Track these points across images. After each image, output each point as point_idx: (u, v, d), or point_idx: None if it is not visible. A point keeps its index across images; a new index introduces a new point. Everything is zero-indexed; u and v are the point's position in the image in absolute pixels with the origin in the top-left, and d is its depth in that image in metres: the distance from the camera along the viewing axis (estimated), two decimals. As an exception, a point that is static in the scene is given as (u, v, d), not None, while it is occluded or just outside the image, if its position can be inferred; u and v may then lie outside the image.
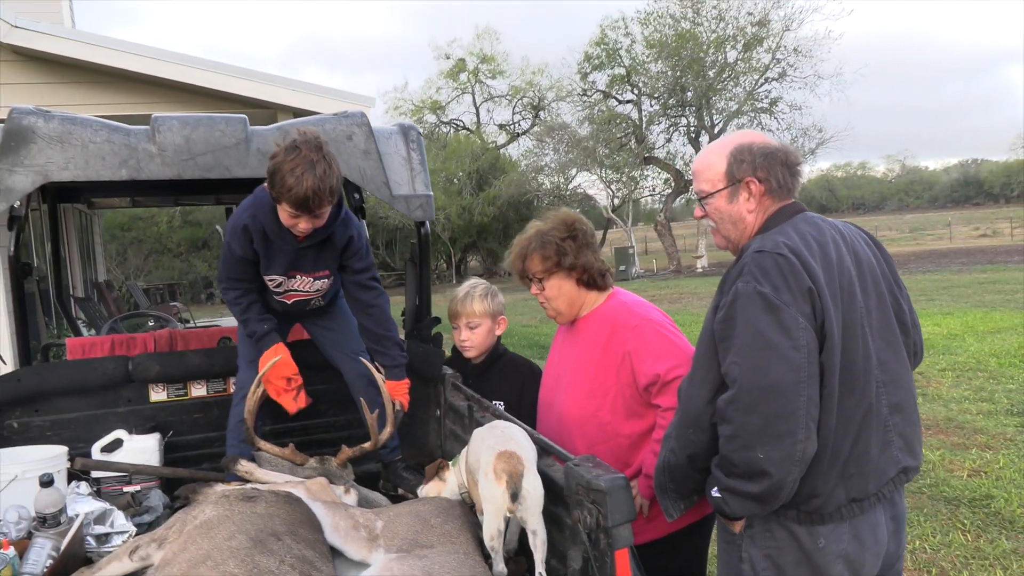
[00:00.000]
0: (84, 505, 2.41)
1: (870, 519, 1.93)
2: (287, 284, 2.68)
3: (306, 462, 2.59)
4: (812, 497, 1.87)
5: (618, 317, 2.54)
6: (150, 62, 7.39)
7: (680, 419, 2.00)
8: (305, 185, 2.27)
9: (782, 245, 1.86)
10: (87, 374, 2.87)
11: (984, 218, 55.20)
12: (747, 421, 1.77)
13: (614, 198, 35.00)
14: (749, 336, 1.79)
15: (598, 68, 32.92)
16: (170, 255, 32.15)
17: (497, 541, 1.89)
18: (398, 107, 40.86)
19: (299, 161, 2.28)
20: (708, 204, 2.09)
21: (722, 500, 1.89)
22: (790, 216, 2.01)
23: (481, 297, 3.05)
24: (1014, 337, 10.15)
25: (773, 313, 1.78)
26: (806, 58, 29.45)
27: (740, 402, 1.79)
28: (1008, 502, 4.70)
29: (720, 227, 2.10)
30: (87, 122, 2.65)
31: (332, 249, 2.65)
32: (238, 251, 2.56)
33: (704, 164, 2.10)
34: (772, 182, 2.00)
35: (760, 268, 1.83)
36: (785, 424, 1.75)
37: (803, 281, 1.80)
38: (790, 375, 1.76)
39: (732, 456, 1.82)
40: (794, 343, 1.77)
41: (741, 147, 2.03)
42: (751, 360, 1.78)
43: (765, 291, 1.79)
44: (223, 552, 1.76)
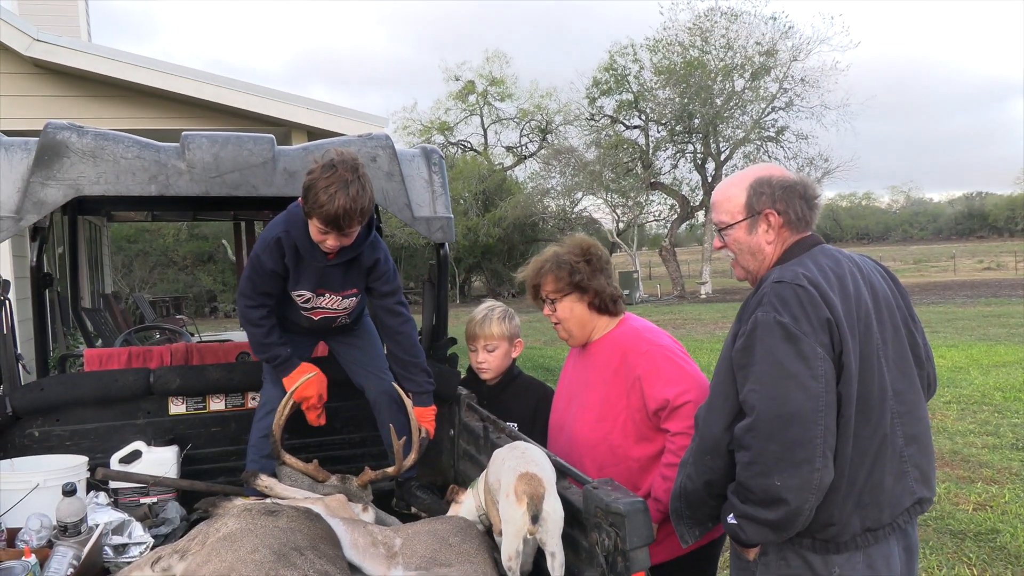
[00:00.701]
0: (103, 515, 2.44)
1: (884, 549, 1.95)
2: (315, 301, 2.71)
3: (328, 479, 2.61)
4: (828, 526, 1.89)
5: (629, 342, 2.58)
6: (167, 77, 7.50)
7: (697, 446, 2.02)
8: (337, 204, 2.32)
9: (801, 276, 1.89)
10: (109, 385, 2.90)
11: (988, 251, 55.20)
12: (765, 448, 1.80)
13: (619, 222, 35.09)
14: (768, 365, 1.82)
15: (606, 93, 33.18)
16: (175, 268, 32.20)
17: (515, 562, 1.91)
18: (407, 127, 41.14)
19: (334, 179, 2.33)
20: (728, 235, 2.12)
21: (738, 527, 1.90)
22: (808, 248, 2.05)
23: (499, 320, 3.10)
24: (1019, 371, 10.15)
25: (792, 343, 1.81)
26: (813, 88, 29.73)
27: (758, 429, 1.81)
28: (1014, 536, 4.70)
29: (739, 258, 2.14)
30: (119, 138, 2.71)
31: (359, 269, 2.69)
32: (269, 264, 2.59)
33: (724, 196, 2.13)
34: (791, 214, 2.04)
35: (780, 298, 1.86)
36: (803, 452, 1.77)
37: (822, 312, 1.84)
38: (808, 404, 1.78)
39: (749, 483, 1.83)
40: (812, 372, 1.80)
41: (761, 180, 2.08)
42: (770, 388, 1.81)
43: (784, 321, 1.83)
44: (247, 565, 1.79)
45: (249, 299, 2.68)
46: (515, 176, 40.56)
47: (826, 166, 30.24)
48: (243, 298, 2.70)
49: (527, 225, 34.57)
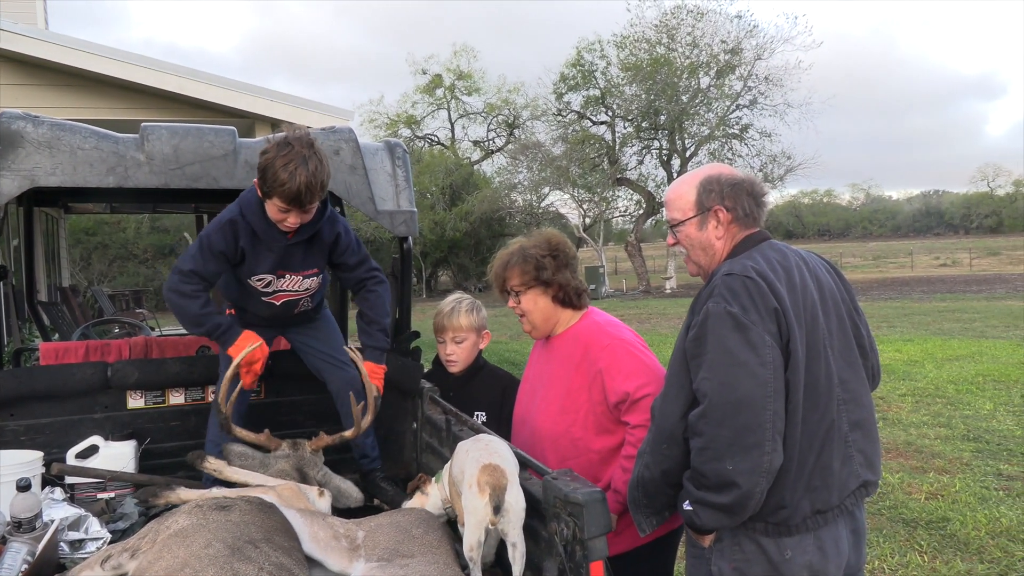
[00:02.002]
0: (59, 511, 2.40)
1: (832, 531, 2.02)
2: (276, 284, 2.69)
3: (279, 447, 2.60)
4: (779, 508, 1.95)
5: (592, 336, 2.61)
6: (127, 67, 7.36)
7: (654, 435, 2.07)
8: (298, 180, 2.32)
9: (750, 268, 1.97)
10: (65, 379, 2.86)
11: (944, 248, 56.52)
12: (717, 434, 1.86)
13: (586, 217, 35.28)
14: (719, 353, 1.89)
15: (573, 89, 33.29)
16: (136, 261, 31.60)
17: (476, 552, 1.93)
18: (373, 120, 40.95)
19: (292, 156, 2.33)
20: (679, 231, 2.20)
21: (693, 513, 1.95)
22: (756, 243, 2.13)
23: (467, 312, 3.12)
24: (971, 365, 10.43)
25: (742, 331, 1.88)
26: (777, 87, 30.12)
27: (710, 416, 1.88)
28: (963, 525, 4.84)
29: (691, 254, 2.21)
30: (76, 128, 2.66)
31: (320, 246, 2.68)
32: (219, 245, 2.54)
33: (675, 194, 2.22)
34: (739, 211, 2.12)
35: (730, 289, 1.94)
36: (753, 436, 1.84)
37: (770, 302, 1.92)
38: (757, 390, 1.85)
39: (703, 468, 1.90)
40: (761, 360, 1.87)
41: (710, 178, 2.16)
42: (721, 376, 1.88)
43: (734, 311, 1.90)
44: (201, 560, 1.77)
45: (185, 276, 2.57)
46: (482, 171, 40.58)
47: (789, 163, 30.69)
48: (178, 274, 2.57)
49: (494, 220, 34.57)
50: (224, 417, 2.56)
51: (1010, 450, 6.47)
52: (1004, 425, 7.27)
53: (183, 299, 2.58)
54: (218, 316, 2.66)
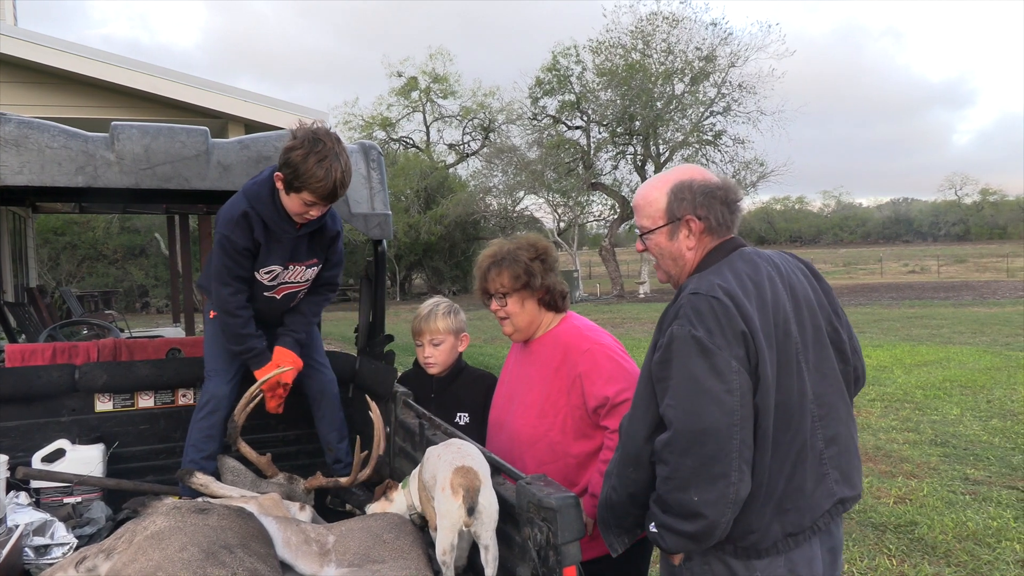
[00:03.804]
0: (24, 516, 2.36)
1: (806, 552, 1.97)
2: (283, 276, 2.70)
3: (276, 476, 2.59)
4: (748, 533, 1.90)
5: (571, 340, 2.61)
6: (97, 65, 7.25)
7: (620, 457, 2.01)
8: (334, 176, 2.37)
9: (717, 288, 1.88)
10: (31, 381, 2.80)
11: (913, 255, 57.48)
12: (681, 463, 1.80)
13: (560, 222, 35.38)
14: (683, 379, 1.82)
15: (549, 93, 33.40)
16: (105, 262, 31.12)
17: (449, 556, 1.92)
18: (348, 122, 40.73)
19: (326, 152, 2.36)
20: (648, 240, 2.11)
21: (659, 536, 1.91)
22: (728, 252, 2.04)
23: (444, 315, 3.11)
24: (939, 370, 10.61)
25: (707, 357, 1.80)
26: (750, 94, 30.50)
27: (675, 445, 1.81)
28: (931, 528, 4.92)
29: (660, 262, 2.14)
30: (44, 127, 2.62)
31: (322, 238, 2.72)
32: (241, 242, 2.55)
33: (645, 200, 2.11)
34: (711, 220, 2.03)
35: (695, 310, 1.85)
36: (719, 467, 1.78)
37: (737, 325, 1.83)
38: (723, 419, 1.78)
39: (667, 497, 1.84)
40: (727, 387, 1.79)
41: (681, 184, 2.06)
42: (685, 403, 1.81)
43: (699, 335, 1.82)
44: (174, 563, 1.76)
45: (228, 286, 2.63)
46: (457, 174, 40.54)
47: (761, 170, 31.04)
48: (222, 287, 2.63)
49: (469, 223, 34.55)
50: (234, 427, 2.61)
51: (976, 455, 6.59)
52: (971, 430, 7.40)
53: (228, 316, 2.67)
54: (255, 339, 2.71)
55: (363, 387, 3.20)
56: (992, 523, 4.97)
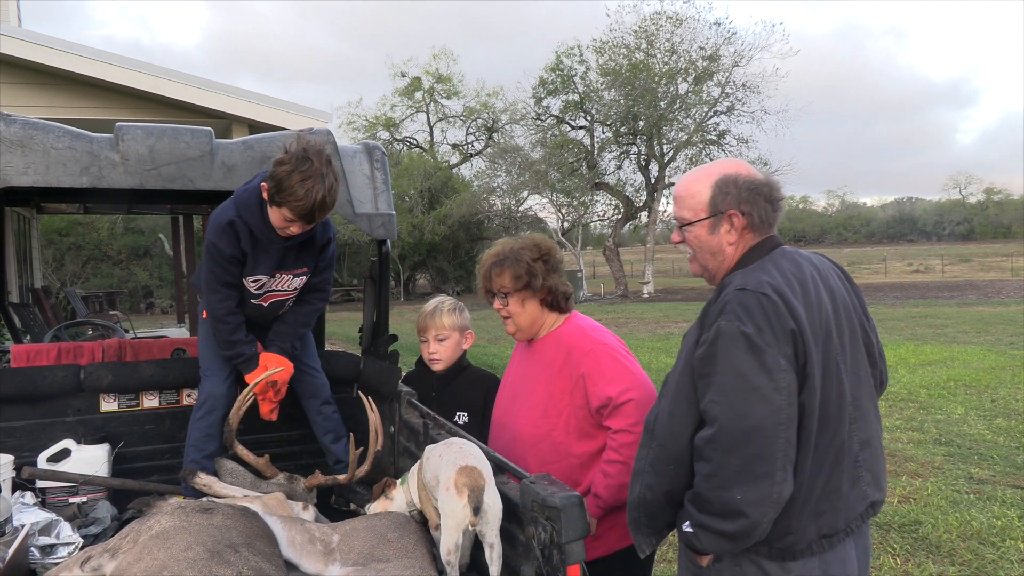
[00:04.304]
0: (30, 515, 2.37)
1: (840, 553, 1.95)
2: (269, 284, 2.69)
3: (276, 476, 2.59)
4: (785, 535, 1.87)
5: (574, 340, 2.61)
6: (102, 66, 7.26)
7: (658, 455, 1.95)
8: (313, 198, 2.34)
9: (766, 284, 1.84)
10: (37, 382, 2.81)
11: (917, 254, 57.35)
12: (726, 462, 1.76)
13: (564, 222, 35.37)
14: (730, 376, 1.78)
15: (552, 93, 33.39)
16: (110, 263, 31.19)
17: (454, 556, 1.93)
18: (352, 122, 40.80)
19: (311, 172, 2.33)
20: (688, 232, 2.06)
21: (693, 536, 1.87)
22: (769, 251, 2.00)
23: (449, 311, 3.14)
24: (943, 370, 10.59)
25: (755, 354, 1.77)
26: (754, 93, 30.47)
27: (719, 442, 1.77)
28: (935, 527, 4.91)
29: (698, 255, 2.08)
30: (49, 128, 2.63)
31: (312, 247, 2.70)
32: (228, 250, 2.55)
33: (687, 191, 2.05)
34: (754, 216, 1.99)
35: (743, 307, 1.81)
36: (764, 466, 1.74)
37: (786, 322, 1.80)
38: (770, 417, 1.75)
39: (708, 495, 1.80)
40: (775, 385, 1.76)
41: (726, 178, 2.01)
42: (732, 401, 1.77)
43: (748, 331, 1.78)
44: (179, 563, 1.76)
45: (216, 293, 2.64)
46: (461, 174, 40.57)
47: (765, 170, 30.55)
48: (211, 293, 2.66)
49: (472, 223, 34.57)
50: (229, 431, 2.61)
51: (981, 454, 6.58)
52: (975, 429, 7.38)
53: (217, 323, 2.69)
54: (244, 345, 2.72)
55: (367, 387, 3.20)
56: (996, 522, 4.96)
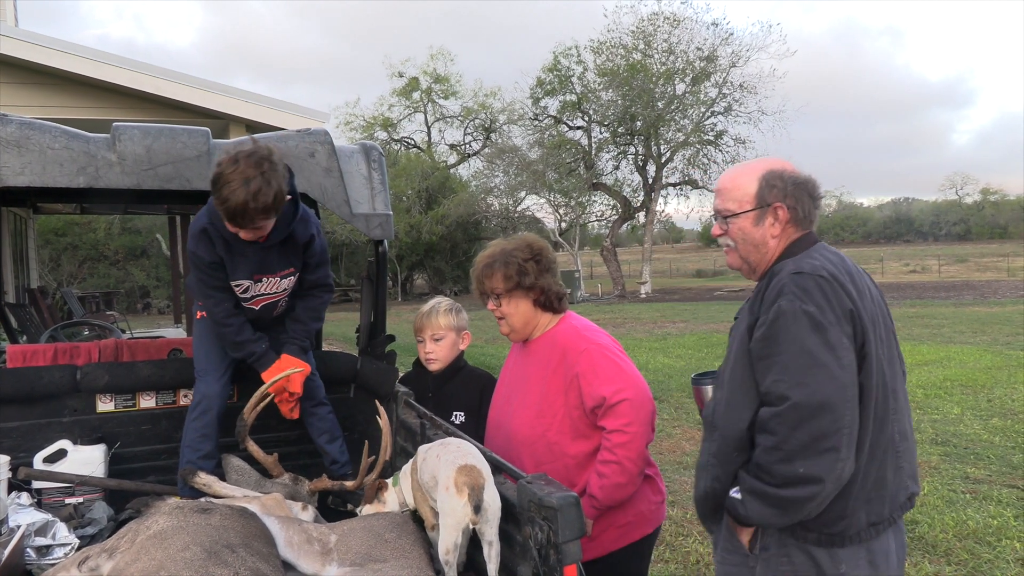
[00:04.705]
0: (26, 516, 2.37)
1: (883, 543, 1.96)
2: (254, 288, 2.68)
3: (281, 476, 2.60)
4: (839, 519, 1.89)
5: (569, 340, 2.61)
6: (99, 66, 7.25)
7: (722, 445, 1.98)
8: (235, 200, 2.27)
9: (821, 268, 1.89)
10: (33, 382, 2.81)
11: (914, 255, 57.41)
12: (792, 436, 1.79)
13: (561, 222, 35.37)
14: (795, 354, 1.80)
15: (550, 94, 33.42)
16: (107, 263, 31.14)
17: (453, 555, 1.93)
18: (349, 123, 40.78)
19: (235, 176, 2.27)
20: (732, 223, 2.09)
21: (740, 502, 1.89)
22: (809, 246, 2.04)
23: (446, 312, 3.15)
24: (939, 370, 10.61)
25: (819, 332, 1.80)
26: (751, 94, 30.50)
27: (787, 417, 1.79)
28: (931, 527, 4.92)
29: (739, 247, 2.10)
30: (46, 128, 2.62)
31: (295, 246, 2.67)
32: (207, 256, 2.55)
33: (733, 183, 2.10)
34: (799, 211, 2.04)
35: (802, 288, 1.85)
36: (830, 441, 1.77)
37: (844, 303, 1.85)
38: (837, 393, 1.78)
39: (771, 467, 1.82)
40: (840, 362, 1.80)
41: (773, 172, 2.05)
42: (798, 377, 1.79)
43: (810, 310, 1.82)
44: (177, 563, 1.76)
45: (209, 298, 2.65)
46: (458, 174, 40.57)
47: (762, 170, 30.99)
48: (205, 299, 2.67)
49: (470, 223, 34.56)
50: (243, 426, 2.61)
51: (977, 454, 6.59)
52: (971, 429, 7.40)
53: (219, 327, 2.69)
54: (253, 344, 2.72)
55: (365, 387, 3.20)
56: (992, 522, 4.97)
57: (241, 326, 2.70)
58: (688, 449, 6.97)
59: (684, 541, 4.79)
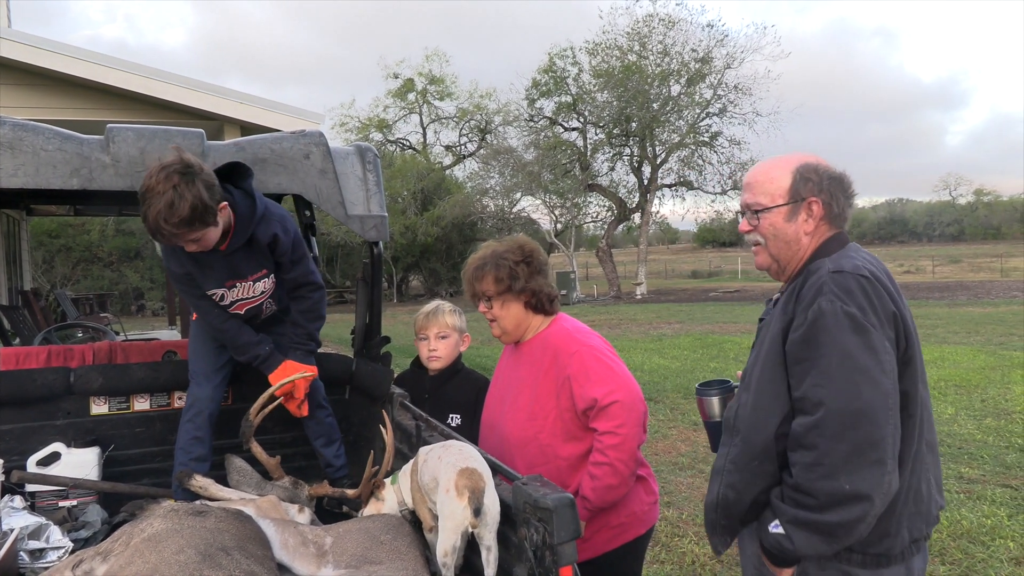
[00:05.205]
0: (19, 519, 2.36)
1: (919, 561, 1.87)
2: (230, 295, 2.66)
3: (282, 479, 2.60)
4: (883, 537, 1.79)
5: (560, 342, 2.61)
6: (92, 67, 7.23)
7: (742, 451, 1.87)
8: (149, 217, 2.24)
9: (863, 267, 1.79)
10: (26, 385, 2.80)
11: (908, 255, 57.58)
12: (833, 448, 1.66)
13: (557, 223, 35.41)
14: (836, 357, 1.69)
15: (545, 95, 33.47)
16: (100, 264, 31.04)
17: (451, 558, 1.92)
18: (344, 124, 40.72)
19: (148, 193, 2.23)
20: (764, 218, 1.97)
21: (784, 536, 1.75)
22: (842, 245, 1.94)
23: (450, 312, 3.21)
24: (933, 370, 10.63)
25: (861, 334, 1.70)
26: (746, 95, 30.59)
27: (826, 427, 1.67)
28: (926, 528, 4.93)
29: (769, 245, 1.99)
30: (39, 129, 2.61)
31: (258, 250, 2.61)
32: (177, 269, 2.55)
33: (766, 176, 1.99)
34: (833, 207, 1.94)
35: (843, 288, 1.74)
36: (875, 452, 1.65)
37: (888, 305, 1.75)
38: (879, 399, 1.67)
39: (812, 486, 1.69)
40: (882, 367, 1.69)
41: (808, 166, 1.96)
42: (839, 382, 1.68)
43: (852, 311, 1.71)
44: (171, 566, 1.75)
45: (197, 308, 2.65)
46: (454, 175, 40.58)
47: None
48: (195, 309, 2.67)
49: (466, 225, 34.57)
50: (249, 426, 2.61)
51: (971, 453, 6.61)
52: (965, 429, 7.42)
53: (217, 332, 2.70)
54: (256, 346, 2.72)
55: (360, 389, 3.20)
56: (986, 521, 4.99)
57: (239, 329, 2.69)
58: (683, 450, 6.97)
59: (680, 542, 4.79)
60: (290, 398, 2.77)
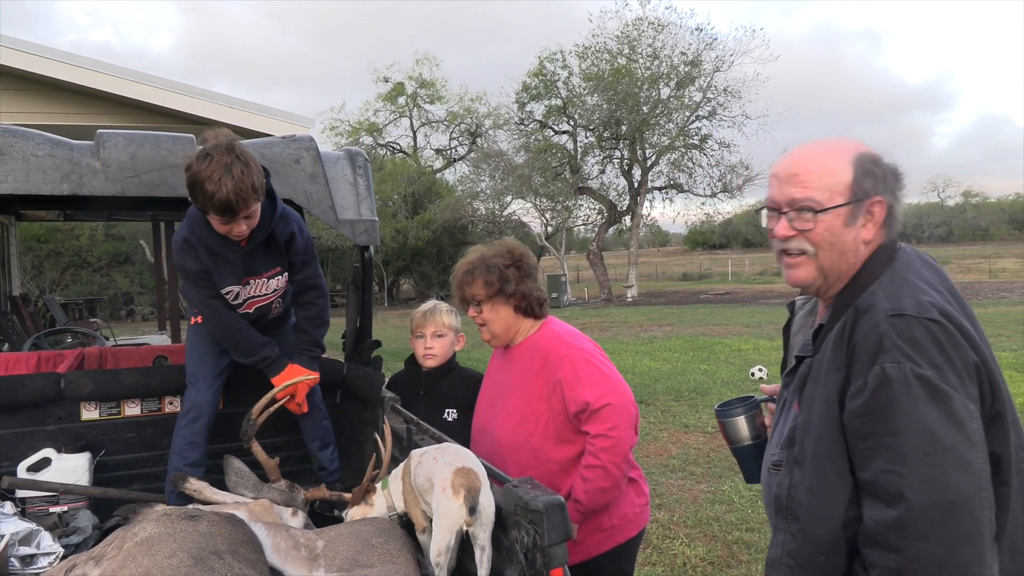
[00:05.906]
0: (9, 525, 2.36)
1: None
2: (244, 293, 2.68)
3: (278, 481, 2.61)
4: None
5: (550, 346, 2.63)
6: (82, 72, 7.23)
7: (804, 544, 1.56)
8: (225, 189, 2.27)
9: (929, 306, 1.45)
10: (16, 390, 2.79)
11: (897, 257, 57.77)
12: (923, 550, 1.37)
13: (548, 226, 35.44)
14: (913, 435, 1.39)
15: (535, 98, 33.51)
16: (89, 269, 30.88)
17: (444, 557, 1.94)
18: (335, 127, 40.67)
19: (214, 167, 2.27)
20: (819, 221, 1.58)
21: None
22: (892, 258, 1.60)
23: (447, 312, 3.23)
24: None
25: (940, 403, 1.39)
26: (735, 98, 30.67)
27: (910, 526, 1.38)
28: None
29: (822, 255, 1.60)
30: (29, 135, 2.62)
31: (277, 245, 2.66)
32: (194, 267, 2.55)
33: (819, 166, 1.58)
34: (896, 209, 1.60)
35: (910, 341, 1.42)
36: (972, 550, 1.37)
37: (967, 355, 1.43)
38: (971, 484, 1.38)
39: None
40: (970, 440, 1.39)
41: (868, 156, 1.59)
42: (920, 470, 1.38)
43: (926, 374, 1.39)
44: (163, 570, 1.76)
45: (207, 309, 2.65)
46: (444, 179, 40.54)
47: (747, 174, 31.24)
48: (205, 311, 2.66)
49: (456, 228, 34.57)
50: (252, 426, 2.62)
51: (959, 454, 6.64)
52: (954, 430, 7.45)
53: (224, 333, 2.69)
54: (263, 348, 2.72)
55: (351, 393, 3.21)
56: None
57: (248, 331, 2.70)
58: (674, 452, 7.00)
59: (671, 544, 4.81)
60: (290, 401, 2.79)
